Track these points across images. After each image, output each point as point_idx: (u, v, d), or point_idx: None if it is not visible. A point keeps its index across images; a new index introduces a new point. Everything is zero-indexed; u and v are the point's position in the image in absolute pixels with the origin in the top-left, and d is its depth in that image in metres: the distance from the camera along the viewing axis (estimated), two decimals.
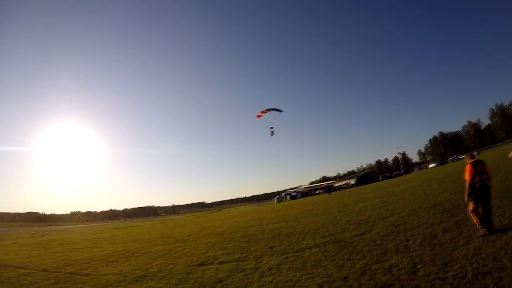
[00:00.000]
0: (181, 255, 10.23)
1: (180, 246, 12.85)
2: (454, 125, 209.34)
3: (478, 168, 5.72)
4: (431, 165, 79.62)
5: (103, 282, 7.50)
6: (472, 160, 5.88)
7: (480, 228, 5.66)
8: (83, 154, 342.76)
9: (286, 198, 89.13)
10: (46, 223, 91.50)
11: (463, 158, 67.95)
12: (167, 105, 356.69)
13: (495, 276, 3.84)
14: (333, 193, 50.62)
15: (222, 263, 7.83)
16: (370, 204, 15.37)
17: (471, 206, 5.81)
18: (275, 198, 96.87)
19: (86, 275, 8.72)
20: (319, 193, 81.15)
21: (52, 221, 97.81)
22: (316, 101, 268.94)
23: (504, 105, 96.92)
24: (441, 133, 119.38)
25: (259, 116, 22.60)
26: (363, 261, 5.49)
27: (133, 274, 8.12)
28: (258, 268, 6.55)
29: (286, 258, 7.05)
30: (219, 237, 14.27)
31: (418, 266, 4.69)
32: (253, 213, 35.11)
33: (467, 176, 5.75)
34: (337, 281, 4.70)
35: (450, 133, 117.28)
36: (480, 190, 5.66)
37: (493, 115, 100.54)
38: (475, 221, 5.77)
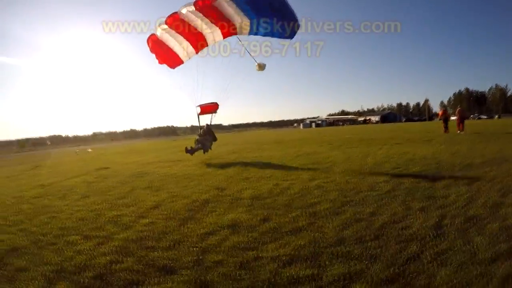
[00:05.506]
0: (285, 148, 16.18)
1: (272, 147, 19.84)
2: (480, 85, 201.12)
3: (445, 113, 20.31)
4: (453, 118, 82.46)
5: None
6: (443, 110, 21.77)
7: (445, 131, 18.65)
8: (93, 69, 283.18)
9: (311, 125, 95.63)
10: (74, 144, 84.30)
11: (485, 118, 71.64)
12: None
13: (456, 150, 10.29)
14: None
15: (332, 149, 14.61)
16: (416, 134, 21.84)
17: (442, 124, 19.45)
18: (300, 124, 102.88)
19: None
20: (343, 125, 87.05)
21: (78, 142, 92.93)
22: (343, 33, 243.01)
23: None
24: (467, 90, 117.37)
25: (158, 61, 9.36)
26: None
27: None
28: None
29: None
30: (298, 142, 20.65)
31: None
32: (293, 134, 41.27)
33: (440, 113, 22.29)
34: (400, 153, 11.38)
35: (476, 92, 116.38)
36: (445, 119, 19.45)
37: None
38: (444, 128, 19.02)
